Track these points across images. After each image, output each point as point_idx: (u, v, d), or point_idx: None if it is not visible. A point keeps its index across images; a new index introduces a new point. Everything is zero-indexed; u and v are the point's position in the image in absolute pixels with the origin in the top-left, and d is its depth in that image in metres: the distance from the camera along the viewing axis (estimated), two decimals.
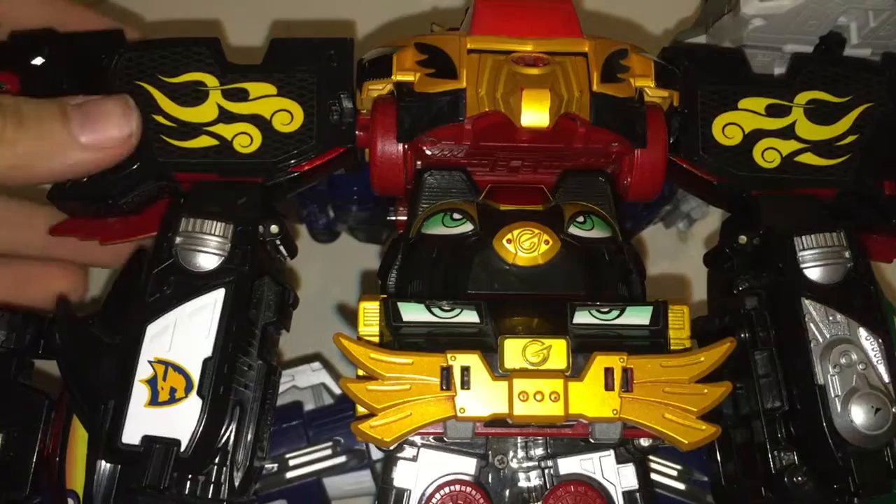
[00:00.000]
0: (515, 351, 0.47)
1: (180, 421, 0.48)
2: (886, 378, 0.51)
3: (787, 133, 0.59)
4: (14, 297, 0.59)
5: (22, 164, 0.49)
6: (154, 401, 0.48)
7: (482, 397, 0.46)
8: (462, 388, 0.46)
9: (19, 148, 0.49)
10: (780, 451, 0.53)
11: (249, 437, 0.51)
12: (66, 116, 0.51)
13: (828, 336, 0.52)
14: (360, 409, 0.48)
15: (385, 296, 0.51)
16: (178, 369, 0.48)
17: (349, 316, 0.92)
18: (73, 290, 0.64)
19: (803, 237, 0.54)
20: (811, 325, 0.52)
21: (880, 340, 0.52)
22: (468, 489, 0.49)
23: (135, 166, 0.55)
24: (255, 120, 0.56)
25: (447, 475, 0.50)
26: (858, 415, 0.50)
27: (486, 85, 0.52)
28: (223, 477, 0.50)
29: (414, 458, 0.50)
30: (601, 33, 0.56)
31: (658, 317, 0.50)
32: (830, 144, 0.59)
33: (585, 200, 0.57)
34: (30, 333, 0.54)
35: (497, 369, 0.47)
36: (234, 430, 0.50)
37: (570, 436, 0.50)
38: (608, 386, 0.47)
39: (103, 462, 0.49)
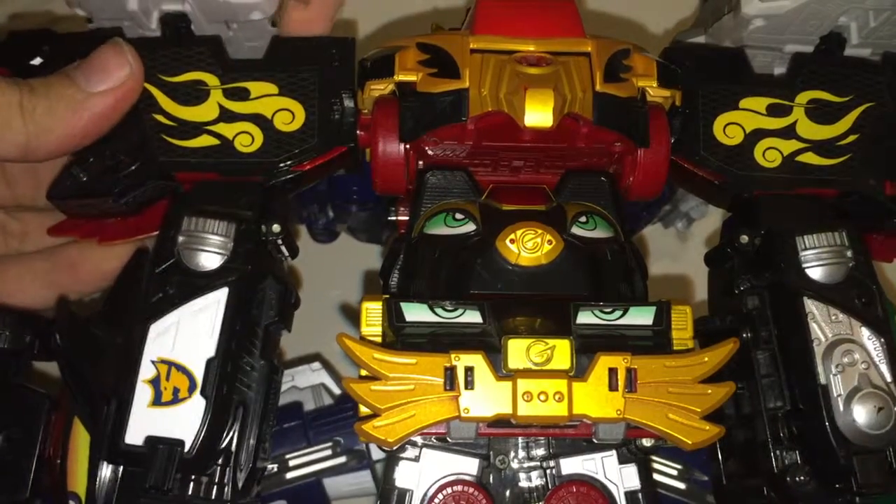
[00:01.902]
0: (519, 351, 0.47)
1: (184, 421, 0.48)
2: (889, 377, 0.51)
3: (788, 133, 0.59)
4: (69, 279, 0.61)
5: (45, 128, 0.52)
6: (157, 401, 0.48)
7: (486, 397, 0.46)
8: (466, 388, 0.46)
9: (38, 114, 0.51)
10: (783, 451, 0.53)
11: (253, 437, 0.51)
12: (70, 76, 0.53)
13: (830, 335, 0.52)
14: (363, 410, 0.47)
15: (388, 296, 0.51)
16: (182, 369, 0.48)
17: (352, 316, 0.92)
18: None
19: (805, 237, 0.54)
20: (813, 324, 0.52)
21: (882, 340, 0.52)
22: (470, 489, 0.49)
23: (135, 166, 0.55)
24: (257, 119, 0.56)
25: (449, 475, 0.49)
26: (861, 414, 0.50)
27: (489, 85, 0.52)
28: (226, 478, 0.49)
29: (416, 459, 0.50)
30: (602, 33, 0.56)
31: (661, 317, 0.50)
32: (831, 144, 0.59)
33: (588, 200, 0.57)
34: (29, 334, 0.54)
35: (501, 369, 0.47)
36: (237, 431, 0.50)
37: (574, 436, 0.50)
38: (612, 386, 0.47)
39: (105, 463, 0.49)
